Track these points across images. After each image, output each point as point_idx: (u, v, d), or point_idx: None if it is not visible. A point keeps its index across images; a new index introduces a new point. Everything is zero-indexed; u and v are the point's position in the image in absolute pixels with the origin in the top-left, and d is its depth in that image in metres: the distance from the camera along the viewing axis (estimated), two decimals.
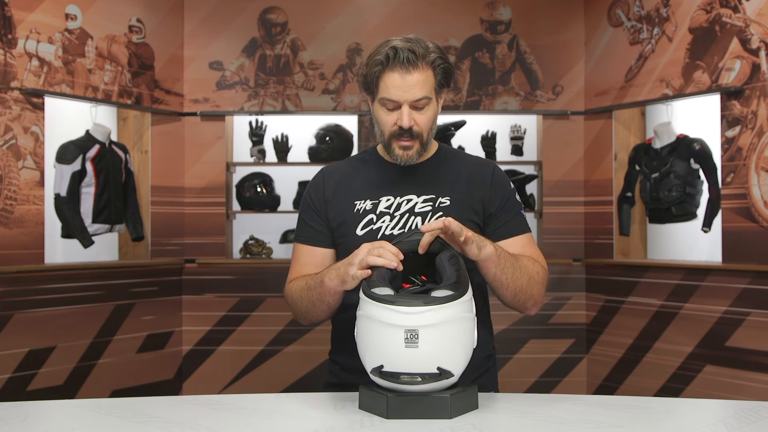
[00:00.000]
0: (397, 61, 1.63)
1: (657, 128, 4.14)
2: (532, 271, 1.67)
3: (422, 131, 1.70)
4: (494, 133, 4.63)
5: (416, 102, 1.66)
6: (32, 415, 1.45)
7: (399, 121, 1.68)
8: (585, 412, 1.44)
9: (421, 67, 1.64)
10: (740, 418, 1.39)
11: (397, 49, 1.63)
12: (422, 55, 1.64)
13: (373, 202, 1.75)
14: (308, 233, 1.80)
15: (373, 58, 1.67)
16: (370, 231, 1.72)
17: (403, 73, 1.64)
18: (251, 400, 1.53)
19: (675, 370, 3.96)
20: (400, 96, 1.65)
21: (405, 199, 1.74)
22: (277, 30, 4.61)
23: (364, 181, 1.79)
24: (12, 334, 3.64)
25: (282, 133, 4.61)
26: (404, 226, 1.70)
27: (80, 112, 4.09)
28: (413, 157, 1.72)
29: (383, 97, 1.67)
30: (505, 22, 4.61)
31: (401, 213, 1.72)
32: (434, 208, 1.72)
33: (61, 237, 3.96)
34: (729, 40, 3.71)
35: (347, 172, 1.83)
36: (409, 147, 1.70)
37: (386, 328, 1.33)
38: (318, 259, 1.78)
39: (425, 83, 1.66)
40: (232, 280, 4.54)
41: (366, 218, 1.73)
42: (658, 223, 4.21)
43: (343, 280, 1.54)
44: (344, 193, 1.78)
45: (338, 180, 1.81)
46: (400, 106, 1.66)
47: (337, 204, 1.77)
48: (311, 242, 1.79)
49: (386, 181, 1.77)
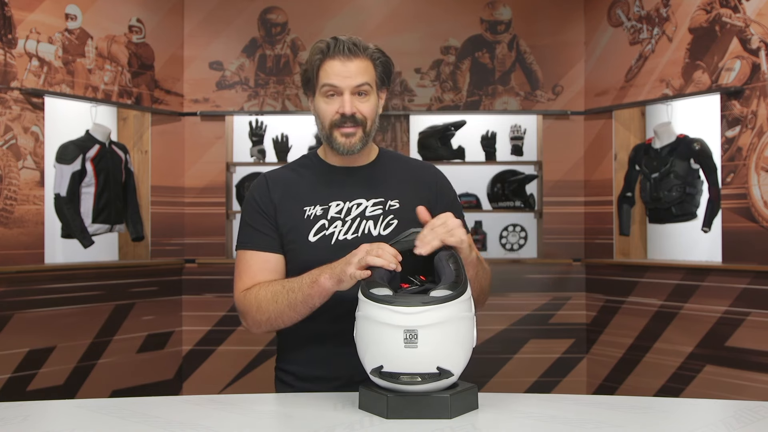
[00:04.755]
0: (338, 50, 1.66)
1: (657, 128, 4.14)
2: (490, 273, 1.77)
3: (366, 118, 1.69)
4: (494, 133, 4.63)
5: (358, 87, 1.67)
6: (32, 415, 1.45)
7: (341, 108, 1.67)
8: (585, 412, 1.44)
9: (361, 56, 1.68)
10: (740, 418, 1.39)
11: (337, 39, 1.68)
12: (363, 48, 1.68)
13: (323, 208, 1.72)
14: (259, 239, 1.73)
15: (314, 47, 1.70)
16: (323, 237, 1.70)
17: (344, 60, 1.66)
18: (251, 400, 1.54)
19: (675, 370, 3.96)
20: (341, 82, 1.66)
21: (355, 203, 1.73)
22: (277, 30, 4.61)
23: (310, 186, 1.75)
24: (12, 334, 3.64)
25: (282, 133, 4.62)
26: (357, 231, 1.70)
27: (80, 112, 4.09)
28: (356, 144, 1.70)
29: (325, 83, 1.67)
30: (505, 22, 4.61)
31: (352, 217, 1.71)
32: (384, 211, 1.72)
33: (61, 237, 3.96)
34: (729, 40, 3.71)
35: (291, 178, 1.78)
36: (352, 134, 1.69)
37: (385, 329, 1.33)
38: (271, 266, 1.73)
39: (366, 71, 1.68)
40: (232, 280, 4.52)
41: (317, 224, 1.71)
42: (658, 223, 4.21)
43: (339, 280, 1.53)
44: (292, 199, 1.74)
45: (283, 186, 1.77)
46: (342, 94, 1.67)
47: (286, 210, 1.73)
48: (263, 248, 1.73)
49: (333, 185, 1.75)
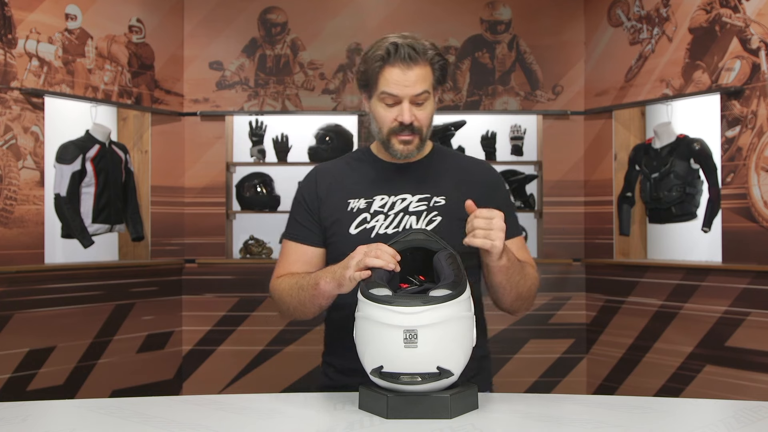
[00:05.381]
0: (398, 57, 1.63)
1: (657, 128, 4.14)
2: (533, 278, 1.69)
3: (422, 126, 1.70)
4: (494, 133, 4.63)
5: (417, 97, 1.66)
6: (32, 415, 1.45)
7: (399, 117, 1.67)
8: (585, 412, 1.44)
9: (421, 62, 1.65)
10: (740, 418, 1.39)
11: (397, 45, 1.64)
12: (422, 51, 1.65)
13: (367, 201, 1.73)
14: (299, 231, 1.79)
15: (373, 53, 1.66)
16: (363, 230, 1.70)
17: (404, 68, 1.64)
18: (251, 400, 1.53)
19: (675, 370, 3.96)
20: (401, 91, 1.65)
21: (399, 198, 1.73)
22: (277, 30, 4.61)
23: (358, 180, 1.78)
24: (12, 334, 3.64)
25: (282, 133, 4.62)
26: (398, 225, 1.69)
27: (80, 112, 4.09)
28: (413, 151, 1.72)
29: (384, 91, 1.66)
30: (505, 22, 4.61)
31: (395, 212, 1.71)
32: (428, 207, 1.71)
33: (61, 237, 3.96)
34: (729, 40, 3.71)
35: (341, 170, 1.82)
36: (410, 141, 1.70)
37: (385, 329, 1.33)
38: (307, 258, 1.77)
39: (425, 79, 1.66)
40: (232, 280, 4.54)
41: (360, 217, 1.72)
42: (658, 223, 4.21)
43: (339, 284, 1.53)
44: (338, 191, 1.77)
45: (332, 178, 1.80)
46: (400, 102, 1.66)
47: (331, 202, 1.76)
48: (302, 240, 1.78)
49: (381, 180, 1.76)
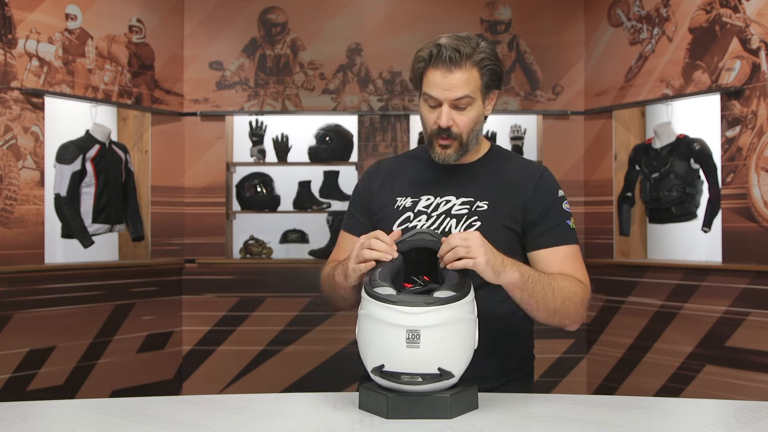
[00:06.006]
0: (440, 59, 1.62)
1: (657, 128, 4.14)
2: (568, 291, 1.59)
3: (461, 132, 1.67)
4: (494, 133, 4.63)
5: (457, 101, 1.64)
6: (32, 415, 1.45)
7: (438, 120, 1.66)
8: (585, 412, 1.44)
9: (464, 66, 1.62)
10: (740, 418, 1.39)
11: (440, 47, 1.62)
12: (468, 55, 1.62)
13: (413, 200, 1.75)
14: (351, 222, 1.84)
15: (418, 54, 1.66)
16: (405, 229, 1.71)
17: (445, 71, 1.62)
18: (251, 400, 1.53)
19: (675, 370, 3.96)
20: (441, 94, 1.64)
21: (444, 200, 1.73)
22: (277, 30, 4.61)
23: (409, 178, 1.79)
24: (12, 334, 3.64)
25: (282, 133, 4.61)
26: (439, 227, 1.69)
27: (80, 112, 4.08)
28: (451, 156, 1.70)
29: (425, 92, 1.66)
30: (505, 22, 4.61)
31: (438, 213, 1.71)
32: (470, 211, 1.70)
33: (61, 237, 3.96)
34: (729, 40, 3.71)
35: (396, 167, 1.85)
36: (448, 146, 1.68)
37: (388, 328, 1.33)
38: None
39: (468, 83, 1.63)
40: (232, 280, 4.54)
41: (404, 215, 1.73)
42: (658, 223, 4.21)
43: (346, 275, 1.55)
44: (389, 188, 1.80)
45: (386, 175, 1.83)
46: (441, 105, 1.65)
47: (381, 198, 1.79)
48: (352, 231, 1.82)
49: (429, 180, 1.77)
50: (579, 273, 1.66)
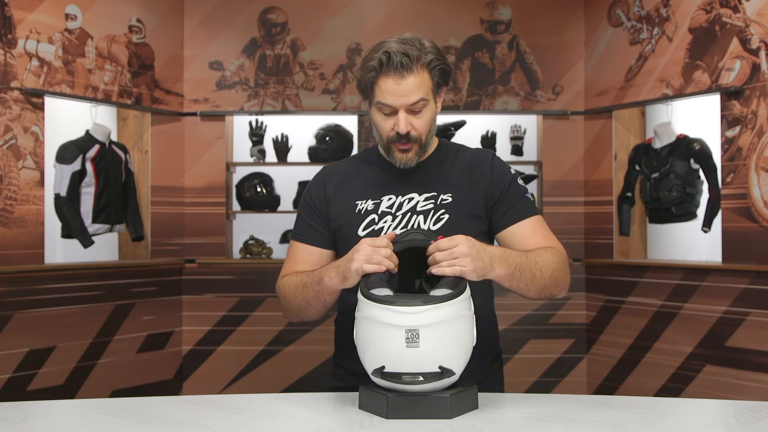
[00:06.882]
0: (391, 67, 1.60)
1: (657, 128, 4.14)
2: (552, 262, 1.62)
3: (420, 135, 1.69)
4: (494, 133, 4.63)
5: (412, 106, 1.64)
6: (32, 415, 1.45)
7: (396, 127, 1.66)
8: (585, 412, 1.44)
9: (416, 70, 1.62)
10: (740, 418, 1.39)
11: (390, 54, 1.60)
12: (417, 58, 1.61)
13: (374, 202, 1.74)
14: (307, 232, 1.79)
15: (367, 63, 1.64)
16: (372, 231, 1.71)
17: (398, 78, 1.61)
18: (251, 400, 1.53)
19: (675, 370, 3.96)
20: (396, 101, 1.63)
21: (407, 198, 1.73)
22: (277, 30, 4.61)
23: (366, 181, 1.78)
24: (12, 334, 3.64)
25: (282, 133, 4.61)
26: (406, 225, 1.70)
27: (80, 112, 4.09)
28: (412, 159, 1.71)
29: (379, 101, 1.65)
30: (505, 22, 4.61)
31: (403, 212, 1.72)
32: (436, 205, 1.71)
33: (61, 237, 3.96)
34: (729, 40, 3.71)
35: (349, 171, 1.82)
36: (408, 150, 1.69)
37: (387, 329, 1.33)
38: (314, 259, 1.77)
39: (421, 86, 1.63)
40: (232, 280, 4.54)
41: (368, 218, 1.72)
42: (658, 223, 4.21)
43: (344, 277, 1.52)
44: (346, 192, 1.77)
45: (340, 179, 1.80)
46: (397, 111, 1.65)
47: (338, 204, 1.77)
48: (309, 241, 1.78)
49: (388, 181, 1.76)
50: (551, 240, 1.71)
